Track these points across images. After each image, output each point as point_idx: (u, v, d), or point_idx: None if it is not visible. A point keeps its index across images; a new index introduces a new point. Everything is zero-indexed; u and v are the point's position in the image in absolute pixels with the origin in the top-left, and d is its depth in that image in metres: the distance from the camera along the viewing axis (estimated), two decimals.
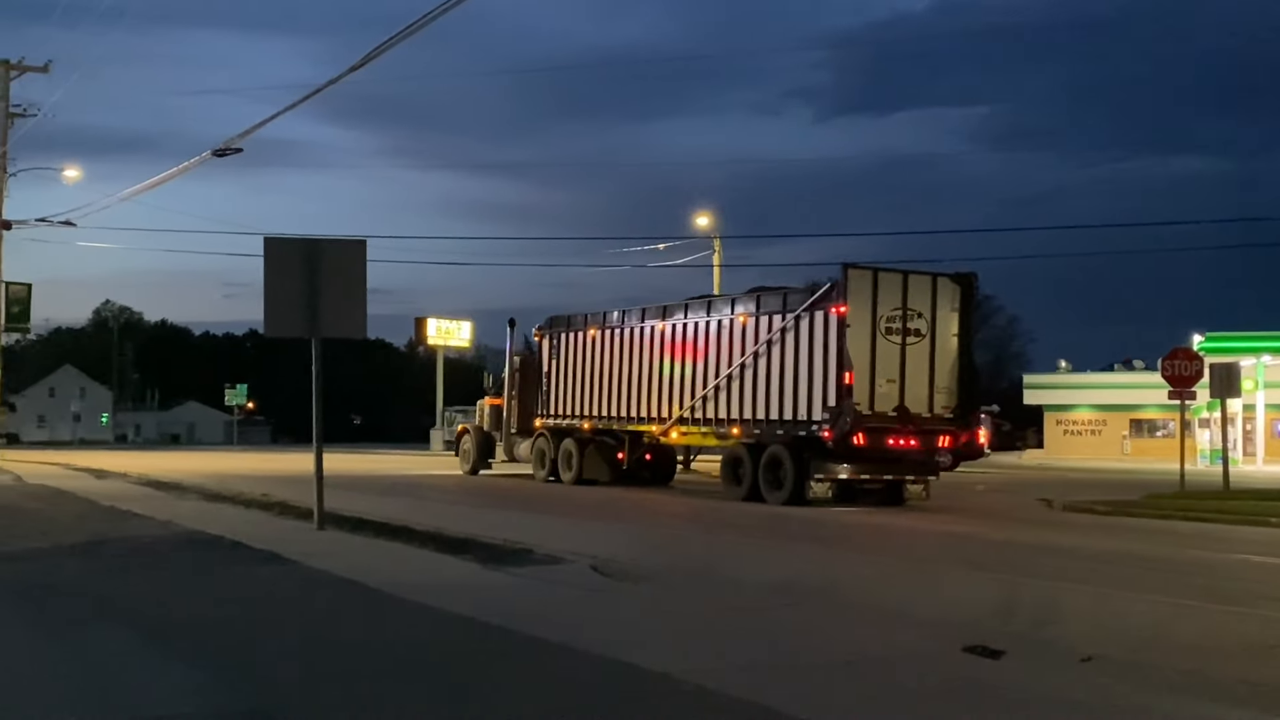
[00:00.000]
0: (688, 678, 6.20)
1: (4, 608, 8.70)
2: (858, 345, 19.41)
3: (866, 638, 7.66)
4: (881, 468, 20.22)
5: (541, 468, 26.57)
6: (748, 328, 21.36)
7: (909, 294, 20.03)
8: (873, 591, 9.75)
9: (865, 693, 6.22)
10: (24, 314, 40.95)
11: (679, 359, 22.92)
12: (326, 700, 5.92)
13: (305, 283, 13.37)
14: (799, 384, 20.17)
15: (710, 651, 7.16)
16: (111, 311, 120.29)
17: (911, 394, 19.80)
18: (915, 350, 19.86)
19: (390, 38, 17.16)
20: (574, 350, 26.10)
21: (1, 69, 39.22)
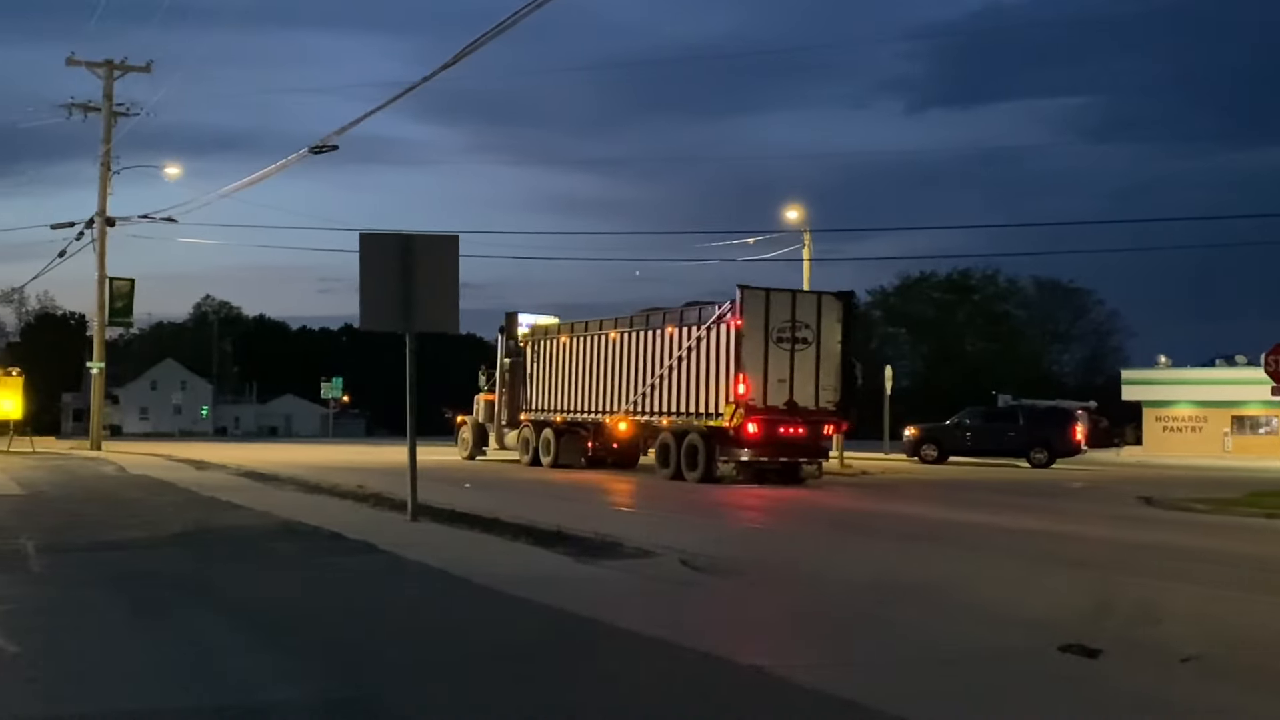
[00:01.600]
0: (781, 673, 6.17)
1: (108, 594, 8.94)
2: (753, 351, 23.36)
3: (962, 636, 7.57)
4: (776, 451, 23.91)
5: (526, 454, 30.09)
6: (674, 337, 25.33)
7: (797, 309, 24.00)
8: (967, 589, 9.62)
9: (962, 691, 6.15)
10: (127, 308, 42.09)
11: (627, 363, 26.85)
12: (419, 689, 6.00)
13: (399, 278, 13.53)
14: (708, 384, 24.10)
15: (804, 647, 7.13)
16: (211, 306, 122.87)
17: (800, 391, 23.69)
18: (802, 355, 23.76)
19: (481, 35, 17.31)
20: (550, 354, 30.19)
21: (105, 69, 40.31)
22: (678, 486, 22.93)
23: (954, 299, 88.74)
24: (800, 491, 22.54)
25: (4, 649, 6.76)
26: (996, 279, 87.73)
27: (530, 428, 30.29)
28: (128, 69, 40.54)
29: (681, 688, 6.12)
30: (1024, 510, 18.97)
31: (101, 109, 40.34)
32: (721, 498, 20.39)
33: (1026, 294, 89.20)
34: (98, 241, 40.15)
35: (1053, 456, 35.36)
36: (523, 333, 31.78)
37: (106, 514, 15.39)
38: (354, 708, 5.64)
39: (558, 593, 8.65)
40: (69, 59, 40.03)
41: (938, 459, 35.80)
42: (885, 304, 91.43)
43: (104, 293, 40.37)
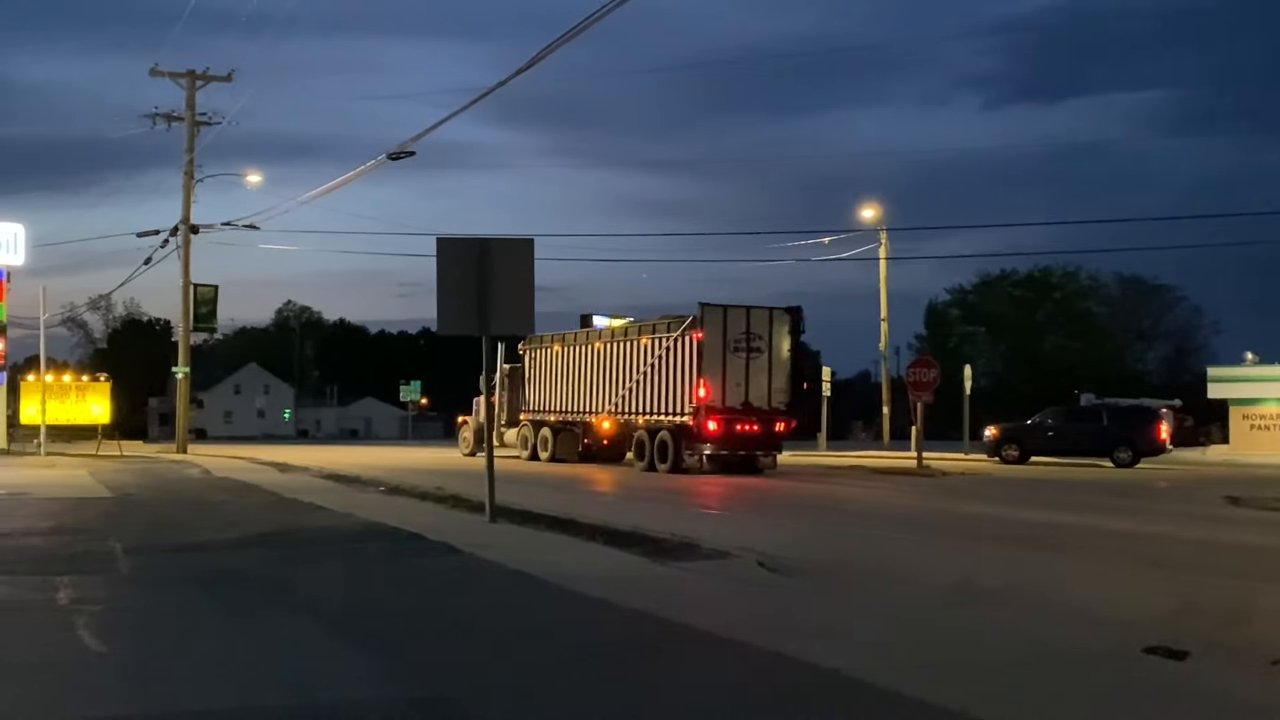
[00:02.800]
0: (860, 675, 6.13)
1: (194, 594, 9.11)
2: (712, 360, 26.88)
3: (1046, 637, 7.46)
4: (735, 445, 27.30)
5: (525, 450, 33.54)
6: (647, 347, 28.80)
7: (751, 323, 27.36)
8: (1050, 591, 9.48)
9: (1048, 693, 6.06)
10: (211, 314, 42.88)
11: (609, 370, 30.28)
12: (498, 689, 6.04)
13: (475, 281, 13.64)
14: (676, 388, 27.63)
15: (884, 648, 7.06)
16: (293, 311, 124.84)
17: (754, 393, 27.24)
18: (756, 362, 27.27)
19: (556, 39, 17.43)
20: (546, 361, 33.46)
21: (188, 80, 41.11)
22: (653, 476, 26.36)
23: (1034, 297, 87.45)
24: (877, 492, 22.40)
25: (93, 648, 6.92)
26: (1078, 276, 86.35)
27: (529, 427, 33.73)
28: (209, 79, 41.32)
29: (759, 689, 6.10)
30: (1108, 510, 18.64)
31: (185, 118, 41.14)
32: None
33: (1108, 291, 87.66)
34: (182, 249, 40.95)
35: (1137, 456, 34.72)
36: (521, 342, 34.57)
37: (192, 516, 15.69)
38: (435, 708, 5.69)
39: (634, 594, 8.67)
40: (153, 70, 40.88)
41: (1019, 459, 35.32)
42: (963, 302, 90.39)
43: (189, 299, 41.15)
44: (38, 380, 38.59)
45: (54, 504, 17.50)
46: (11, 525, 14.27)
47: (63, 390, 38.75)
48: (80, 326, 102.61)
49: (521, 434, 34.13)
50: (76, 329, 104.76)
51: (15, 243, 41.92)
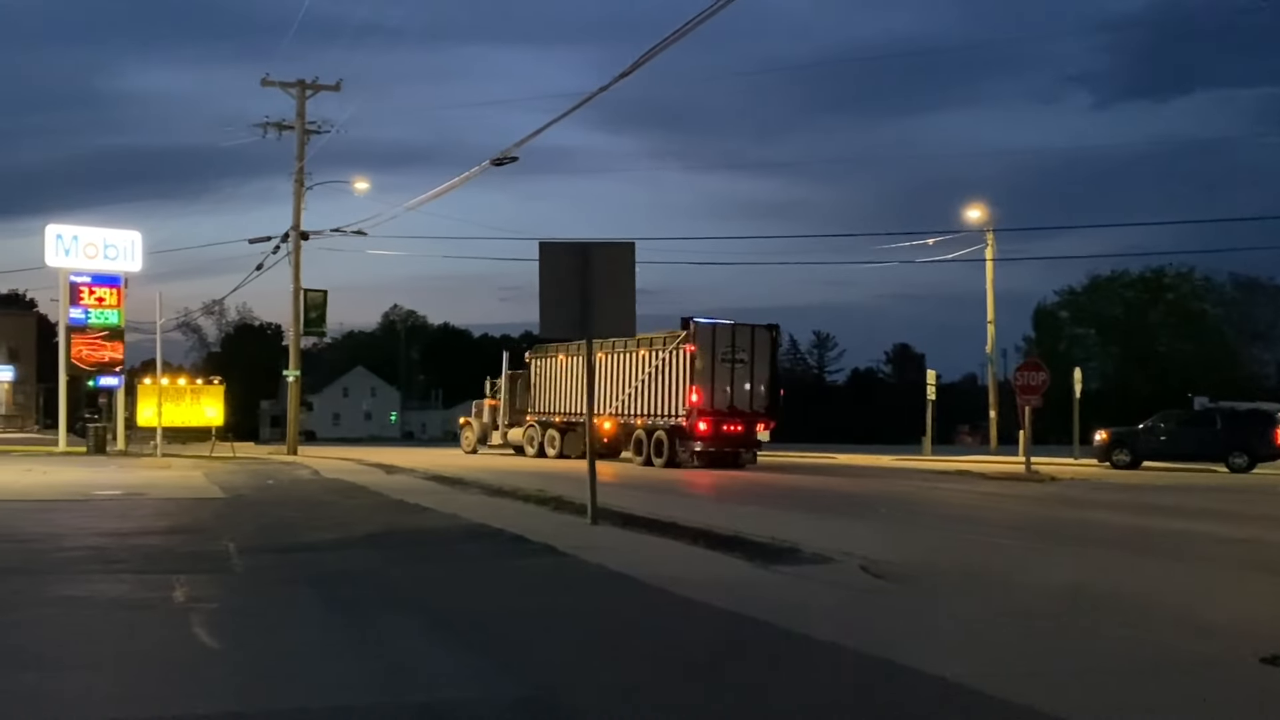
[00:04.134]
0: (968, 681, 6.03)
1: (303, 594, 9.30)
2: (704, 369, 31.21)
3: (1158, 645, 7.27)
4: (721, 443, 31.66)
5: (531, 447, 37.95)
6: (646, 358, 32.93)
7: (735, 338, 31.83)
8: (1164, 597, 9.24)
9: (1157, 703, 5.91)
10: (320, 318, 43.76)
11: (611, 376, 34.05)
12: (600, 690, 6.06)
13: (577, 284, 13.72)
14: (672, 393, 31.88)
15: (990, 656, 6.95)
16: (399, 315, 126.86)
17: (738, 398, 31.71)
18: (740, 370, 31.76)
19: (659, 43, 17.46)
20: (551, 368, 37.62)
21: (298, 89, 41.99)
22: (656, 471, 30.01)
23: (1146, 298, 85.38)
24: (984, 497, 22.04)
25: (208, 645, 7.10)
26: (1191, 277, 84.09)
27: (535, 427, 38.14)
28: (319, 88, 42.15)
29: (865, 696, 6.04)
30: (1222, 517, 18.11)
31: (295, 127, 42.03)
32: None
33: (1223, 292, 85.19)
34: (293, 255, 41.85)
35: (1253, 461, 33.68)
36: (528, 351, 39.71)
37: (302, 516, 16.02)
38: (537, 708, 5.73)
39: (737, 597, 8.64)
40: (264, 80, 41.85)
41: (1130, 464, 34.49)
42: (1073, 304, 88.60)
43: (299, 304, 42.03)
44: (154, 383, 39.67)
45: (170, 504, 18.00)
46: (130, 525, 14.71)
47: (178, 393, 39.76)
48: (195, 331, 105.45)
49: (528, 433, 38.57)
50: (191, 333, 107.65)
51: (133, 250, 43.29)
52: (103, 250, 42.67)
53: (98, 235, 43.03)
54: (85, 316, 42.18)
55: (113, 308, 42.66)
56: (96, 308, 42.35)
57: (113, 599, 8.79)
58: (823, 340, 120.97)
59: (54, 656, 6.76)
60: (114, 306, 42.69)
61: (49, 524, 14.41)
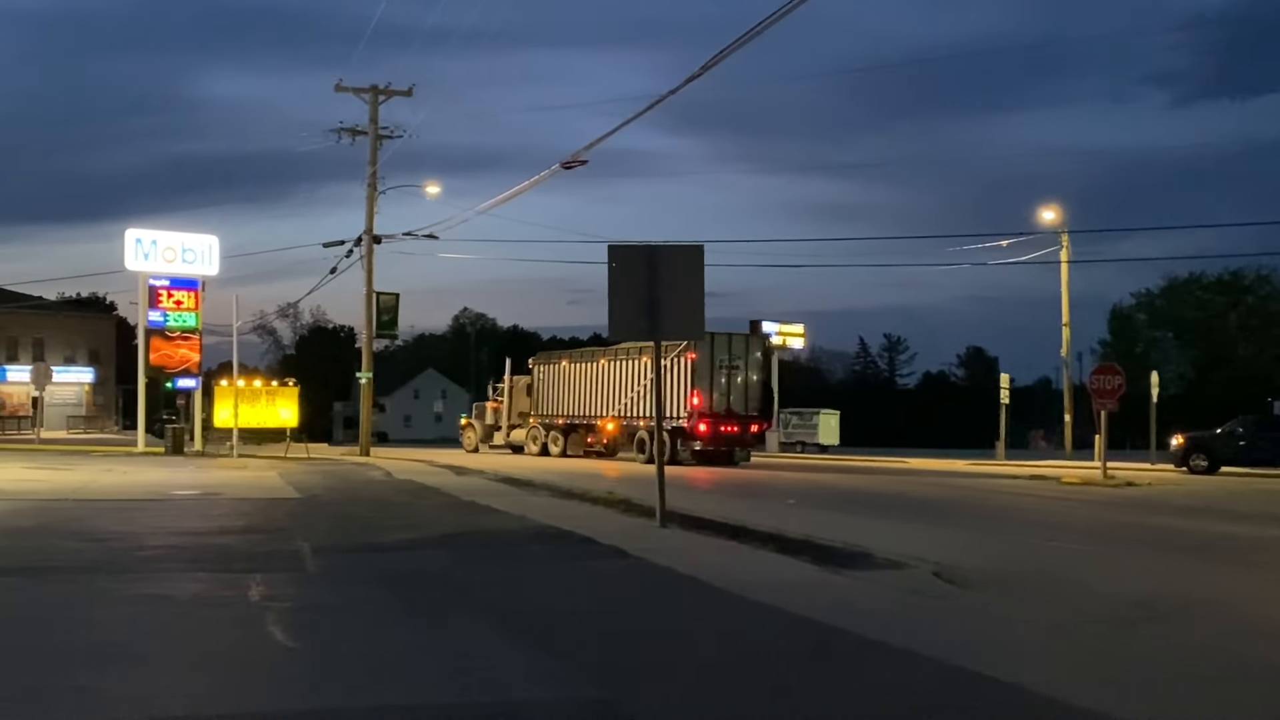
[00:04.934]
0: (1045, 690, 5.95)
1: (376, 594, 9.39)
2: (703, 375, 34.69)
3: (1234, 655, 7.11)
4: (719, 442, 35.10)
5: (535, 445, 41.43)
6: (648, 365, 34.46)
7: (731, 347, 35.56)
8: (1241, 606, 9.04)
9: (1233, 712, 5.79)
10: (392, 321, 44.25)
11: (614, 382, 37.92)
12: (669, 694, 6.06)
13: (646, 287, 13.73)
14: (676, 397, 34.66)
15: (1068, 664, 6.85)
16: (469, 318, 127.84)
17: (734, 401, 35.24)
18: (736, 376, 35.34)
19: (729, 45, 17.43)
20: (554, 374, 41.38)
21: (371, 94, 42.48)
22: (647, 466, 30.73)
23: (1225, 301, 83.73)
24: (1058, 502, 21.74)
25: (284, 643, 7.20)
26: (1271, 279, 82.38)
27: (539, 427, 41.53)
28: (391, 93, 42.61)
29: (938, 704, 5.98)
30: None
31: (368, 132, 42.52)
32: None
33: None
34: (365, 258, 42.32)
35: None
36: (533, 358, 43.61)
37: (374, 517, 16.20)
38: (604, 710, 5.74)
39: (807, 602, 8.59)
40: (338, 86, 42.36)
41: (1208, 469, 33.83)
42: (1150, 307, 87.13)
43: (371, 307, 42.50)
44: (230, 385, 40.31)
45: (245, 504, 18.28)
46: (207, 524, 14.97)
47: (253, 395, 40.35)
48: (270, 333, 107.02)
49: (531, 433, 42.14)
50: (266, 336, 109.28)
51: (210, 253, 44.06)
52: (181, 254, 43.49)
53: (176, 239, 43.87)
54: (164, 319, 43.01)
55: (190, 310, 43.45)
56: (175, 311, 43.15)
57: (190, 597, 8.95)
58: (894, 343, 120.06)
59: (133, 654, 6.89)
60: (192, 309, 43.47)
61: (128, 523, 14.70)
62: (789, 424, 54.86)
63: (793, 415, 55.57)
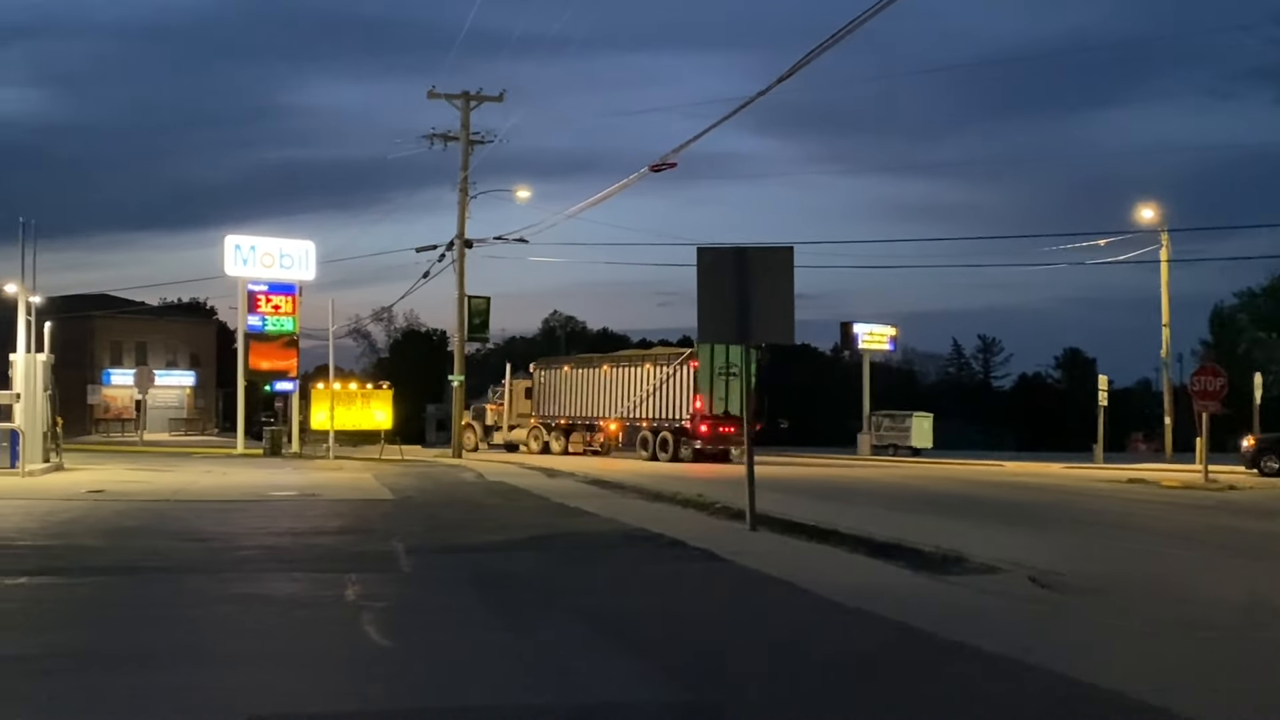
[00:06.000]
0: (1143, 698, 5.82)
1: (469, 593, 9.49)
2: (704, 381, 37.84)
3: None
4: (716, 442, 38.31)
5: (535, 443, 44.27)
6: (650, 372, 40.24)
7: (729, 354, 37.47)
8: None
9: None
10: (484, 324, 44.63)
11: (616, 386, 41.39)
12: (761, 698, 6.03)
13: (735, 290, 13.69)
14: (678, 400, 38.63)
15: (1168, 671, 6.69)
16: (558, 321, 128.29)
17: (731, 404, 37.66)
18: (734, 382, 37.49)
19: (820, 44, 17.28)
20: (556, 378, 44.72)
21: (462, 100, 42.89)
22: (666, 465, 35.39)
23: None
24: (1158, 506, 21.23)
25: (379, 643, 7.31)
26: None
27: (540, 427, 44.58)
28: (482, 99, 42.98)
29: (1033, 711, 5.88)
30: None
31: (459, 138, 42.93)
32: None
33: None
34: (457, 262, 42.72)
35: None
36: (534, 364, 47.31)
37: (466, 518, 16.36)
38: (697, 713, 5.74)
39: (901, 607, 8.50)
40: (430, 92, 42.83)
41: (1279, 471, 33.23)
42: (1252, 306, 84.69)
43: (463, 310, 42.89)
44: (327, 388, 40.97)
45: (341, 505, 18.59)
46: (304, 525, 15.24)
47: (349, 397, 40.98)
48: (364, 337, 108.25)
49: (532, 433, 45.13)
50: (361, 339, 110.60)
51: (306, 259, 44.88)
52: (279, 259, 44.37)
53: (274, 245, 44.77)
54: (262, 324, 43.90)
55: (288, 315, 44.30)
56: (273, 315, 44.03)
57: (287, 597, 9.12)
58: (988, 345, 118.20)
59: (231, 653, 7.04)
60: (289, 314, 44.33)
61: (227, 523, 15.03)
62: (880, 427, 54.15)
63: (884, 418, 54.82)
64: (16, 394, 26.35)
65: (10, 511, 15.87)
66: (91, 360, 71.93)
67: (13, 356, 27.45)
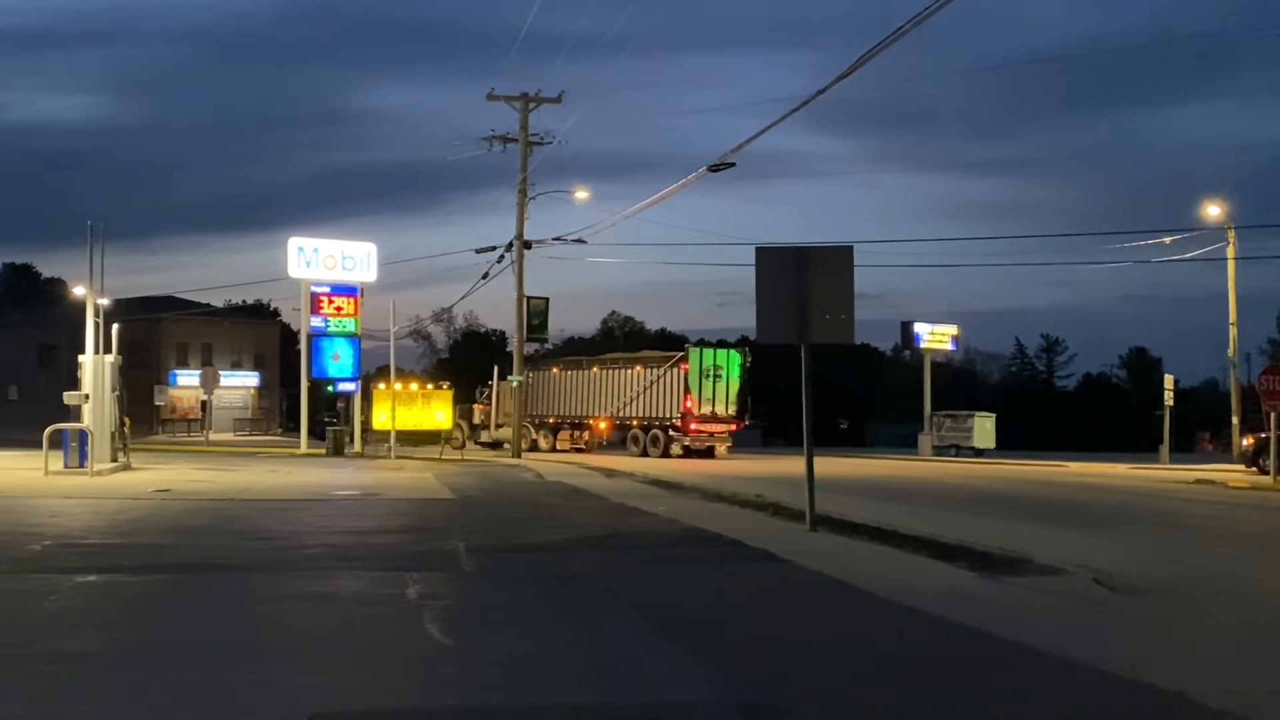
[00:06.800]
0: (1206, 700, 5.74)
1: (529, 592, 9.54)
2: (693, 382, 40.55)
3: None
4: (704, 439, 40.94)
5: (524, 441, 43.75)
6: (640, 374, 42.82)
7: (716, 357, 41.73)
8: None
9: None
10: (543, 325, 44.86)
11: (606, 388, 43.89)
12: (822, 700, 6.01)
13: (795, 290, 13.64)
14: (668, 400, 41.30)
15: (1233, 672, 6.59)
16: (616, 321, 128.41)
17: (717, 405, 41.11)
18: (719, 384, 41.16)
19: (879, 43, 17.22)
20: (545, 380, 47.04)
21: (521, 102, 43.08)
22: (658, 461, 37.12)
23: None
24: (1224, 508, 20.87)
25: (440, 641, 7.37)
26: None
27: (528, 425, 45.40)
28: (541, 101, 43.15)
29: (1092, 712, 5.81)
30: None
31: (518, 139, 43.14)
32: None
33: None
34: (516, 263, 42.94)
35: None
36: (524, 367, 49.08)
37: (527, 517, 16.44)
38: (759, 713, 5.73)
39: (964, 608, 8.43)
40: (489, 95, 43.06)
41: None
42: None
43: (522, 311, 43.11)
44: (388, 388, 41.35)
45: (402, 504, 18.75)
46: (366, 524, 15.40)
47: (410, 398, 41.40)
48: (425, 338, 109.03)
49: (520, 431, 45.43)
50: (421, 340, 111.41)
51: (368, 260, 45.34)
52: (341, 261, 44.85)
53: (336, 247, 45.27)
54: (325, 324, 44.38)
55: (350, 316, 44.75)
56: (335, 316, 44.49)
57: (351, 595, 9.22)
58: (1051, 344, 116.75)
59: (296, 650, 7.13)
60: (351, 315, 44.77)
61: (292, 522, 15.22)
62: (941, 427, 53.55)
63: (946, 418, 54.18)
64: (85, 394, 26.84)
65: (79, 510, 16.18)
66: (158, 361, 73.06)
67: (81, 358, 27.96)
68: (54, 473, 23.53)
